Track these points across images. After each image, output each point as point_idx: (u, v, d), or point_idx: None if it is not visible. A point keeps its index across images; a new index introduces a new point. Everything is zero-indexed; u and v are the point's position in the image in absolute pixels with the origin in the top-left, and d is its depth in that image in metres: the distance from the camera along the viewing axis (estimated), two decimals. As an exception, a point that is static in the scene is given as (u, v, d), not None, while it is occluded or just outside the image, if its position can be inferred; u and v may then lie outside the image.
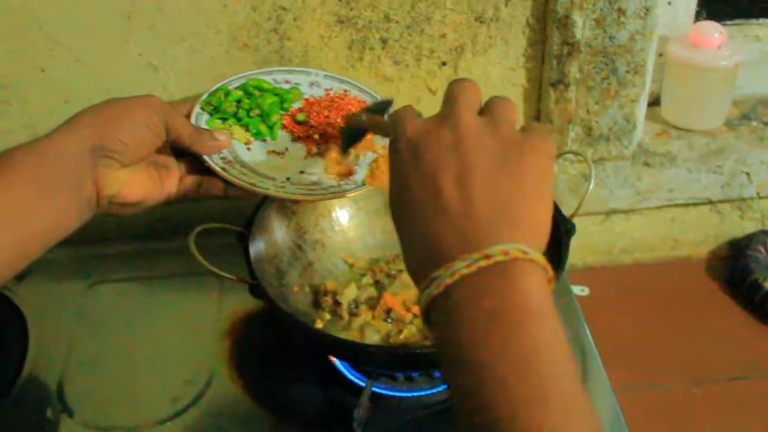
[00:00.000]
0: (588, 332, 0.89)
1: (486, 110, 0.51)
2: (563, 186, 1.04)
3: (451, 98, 0.52)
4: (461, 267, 0.45)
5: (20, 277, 0.93)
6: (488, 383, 0.43)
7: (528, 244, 0.46)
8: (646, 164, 1.05)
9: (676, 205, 1.11)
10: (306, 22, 0.91)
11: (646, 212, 1.12)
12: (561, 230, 0.81)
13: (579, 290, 1.09)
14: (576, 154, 0.93)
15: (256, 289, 0.73)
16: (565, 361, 0.45)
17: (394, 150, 0.52)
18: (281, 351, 0.84)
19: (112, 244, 1.00)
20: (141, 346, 0.86)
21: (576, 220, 0.83)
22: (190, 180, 0.74)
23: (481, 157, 0.48)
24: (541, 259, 0.47)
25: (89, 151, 0.65)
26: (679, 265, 1.17)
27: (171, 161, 0.74)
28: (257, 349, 0.85)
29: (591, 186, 0.82)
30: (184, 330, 0.88)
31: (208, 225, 0.76)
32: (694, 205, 1.12)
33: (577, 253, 1.14)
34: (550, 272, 0.47)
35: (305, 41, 0.92)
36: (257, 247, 0.80)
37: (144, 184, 0.70)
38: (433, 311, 0.47)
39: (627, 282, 1.15)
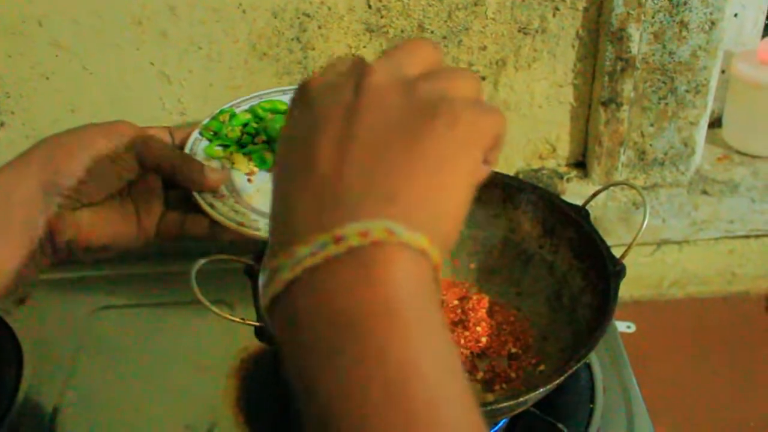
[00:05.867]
0: (633, 376, 0.81)
1: (428, 73, 0.39)
2: (612, 215, 0.94)
3: (384, 53, 0.40)
4: (304, 255, 0.34)
5: (19, 300, 0.89)
6: (335, 419, 0.32)
7: (405, 224, 0.34)
8: (704, 192, 0.95)
9: (736, 237, 1.01)
10: (332, 31, 0.83)
11: (702, 243, 1.02)
12: (609, 272, 0.72)
13: (625, 327, 1.00)
14: (628, 186, 0.84)
15: (263, 332, 0.65)
16: (445, 382, 0.33)
17: (291, 100, 0.41)
18: (293, 396, 0.76)
19: (121, 265, 0.92)
20: (142, 381, 0.79)
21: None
22: (173, 218, 0.64)
23: (376, 118, 0.36)
24: (418, 241, 0.34)
25: (41, 190, 0.56)
26: (736, 301, 1.08)
27: (155, 196, 0.63)
28: (267, 391, 0.78)
29: (645, 223, 0.73)
30: (190, 365, 0.81)
31: (213, 257, 0.68)
32: (756, 237, 1.02)
33: (623, 285, 1.03)
34: (434, 258, 0.35)
35: (331, 51, 0.84)
36: (269, 280, 0.73)
37: (112, 225, 0.60)
38: (274, 312, 0.36)
39: (678, 318, 1.06)
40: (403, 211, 0.35)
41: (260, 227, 0.62)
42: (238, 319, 0.66)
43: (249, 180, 0.68)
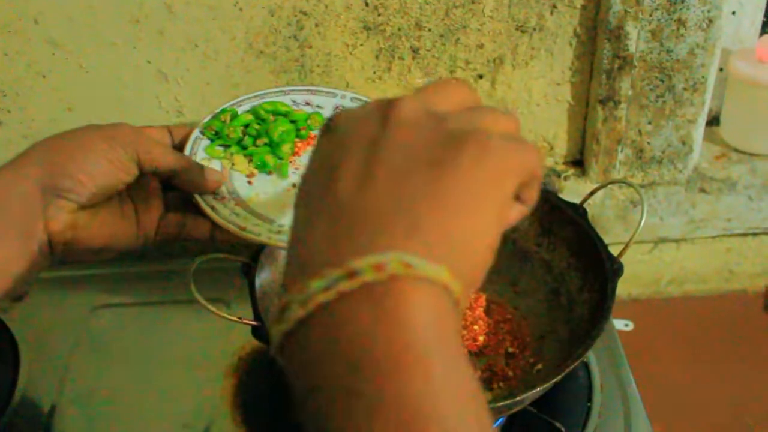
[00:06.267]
0: (630, 374, 0.81)
1: (462, 109, 0.38)
2: (609, 213, 0.94)
3: (416, 90, 0.39)
4: (317, 290, 0.32)
5: (16, 298, 0.88)
6: None
7: (425, 256, 0.32)
8: (702, 190, 0.95)
9: (733, 235, 1.01)
10: (329, 29, 0.82)
11: (699, 241, 1.02)
12: (606, 270, 0.72)
13: (623, 325, 1.00)
14: (626, 184, 0.84)
15: (259, 331, 0.65)
16: (464, 427, 0.32)
17: (318, 132, 0.40)
18: (291, 394, 0.76)
19: (118, 264, 0.92)
20: (139, 380, 0.79)
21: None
22: (173, 219, 0.64)
23: (401, 148, 0.35)
24: (439, 274, 0.32)
25: (39, 191, 0.56)
26: (734, 299, 1.07)
27: (155, 197, 0.64)
28: (265, 390, 0.78)
29: (642, 221, 0.73)
30: (188, 364, 0.81)
31: (210, 256, 0.68)
32: (754, 235, 1.02)
33: (621, 284, 1.03)
34: (456, 292, 0.33)
35: (328, 49, 0.84)
36: (265, 278, 0.72)
37: (111, 227, 0.60)
38: (285, 350, 0.33)
39: (676, 316, 1.05)
40: (423, 243, 0.33)
41: (261, 232, 0.61)
42: (235, 318, 0.66)
43: (249, 182, 0.67)
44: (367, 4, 0.81)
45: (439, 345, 0.32)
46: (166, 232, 0.63)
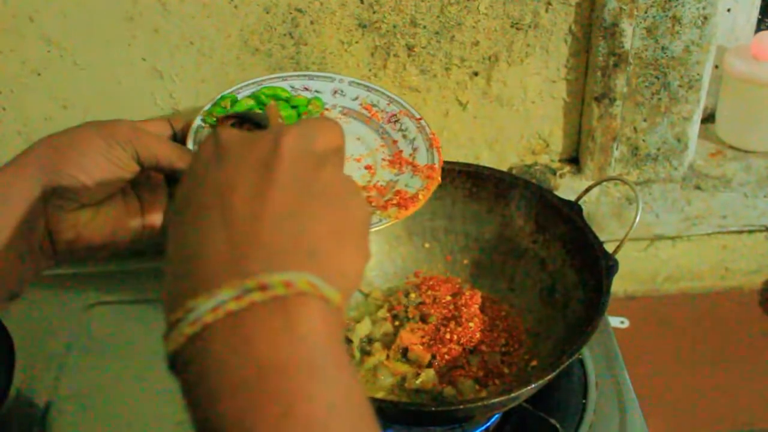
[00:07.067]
0: (626, 372, 0.81)
1: (333, 153, 0.42)
2: (605, 209, 0.94)
3: (297, 123, 0.42)
4: (228, 298, 0.34)
5: (12, 296, 0.88)
6: None
7: (325, 281, 0.36)
8: (698, 187, 0.95)
9: (729, 232, 1.01)
10: (324, 26, 0.82)
11: (695, 239, 1.02)
12: (601, 267, 0.72)
13: (618, 322, 1.00)
14: (621, 181, 0.84)
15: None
16: (361, 426, 0.35)
17: (197, 150, 0.42)
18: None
19: (117, 260, 0.92)
20: (133, 378, 0.79)
21: (617, 250, 0.74)
22: None
23: (293, 181, 0.38)
24: (335, 297, 0.36)
25: (40, 191, 0.56)
26: (729, 296, 1.08)
27: (159, 190, 0.63)
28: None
29: (637, 218, 0.73)
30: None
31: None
32: (749, 232, 1.02)
33: (617, 281, 1.04)
34: (343, 315, 0.38)
35: (323, 47, 0.84)
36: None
37: (115, 223, 0.60)
38: (181, 359, 0.35)
39: (671, 313, 1.05)
40: (324, 270, 0.37)
41: None
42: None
43: None
44: (362, 2, 0.81)
45: (334, 352, 0.36)
46: None
